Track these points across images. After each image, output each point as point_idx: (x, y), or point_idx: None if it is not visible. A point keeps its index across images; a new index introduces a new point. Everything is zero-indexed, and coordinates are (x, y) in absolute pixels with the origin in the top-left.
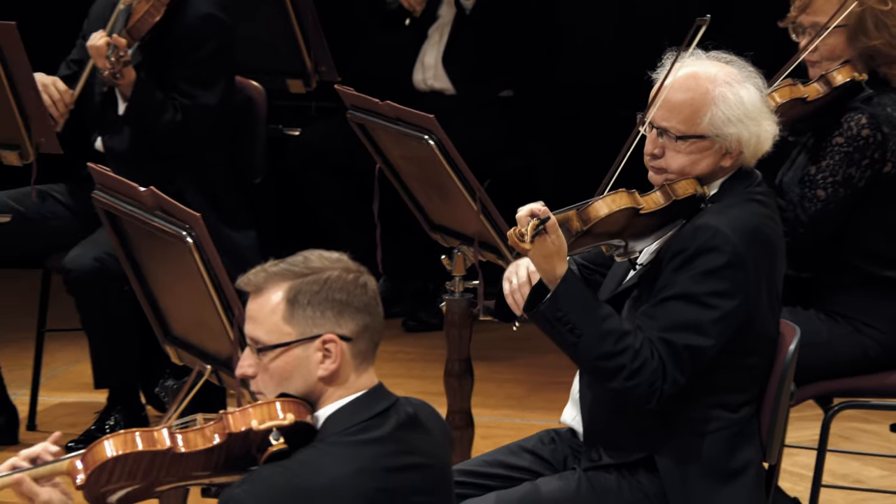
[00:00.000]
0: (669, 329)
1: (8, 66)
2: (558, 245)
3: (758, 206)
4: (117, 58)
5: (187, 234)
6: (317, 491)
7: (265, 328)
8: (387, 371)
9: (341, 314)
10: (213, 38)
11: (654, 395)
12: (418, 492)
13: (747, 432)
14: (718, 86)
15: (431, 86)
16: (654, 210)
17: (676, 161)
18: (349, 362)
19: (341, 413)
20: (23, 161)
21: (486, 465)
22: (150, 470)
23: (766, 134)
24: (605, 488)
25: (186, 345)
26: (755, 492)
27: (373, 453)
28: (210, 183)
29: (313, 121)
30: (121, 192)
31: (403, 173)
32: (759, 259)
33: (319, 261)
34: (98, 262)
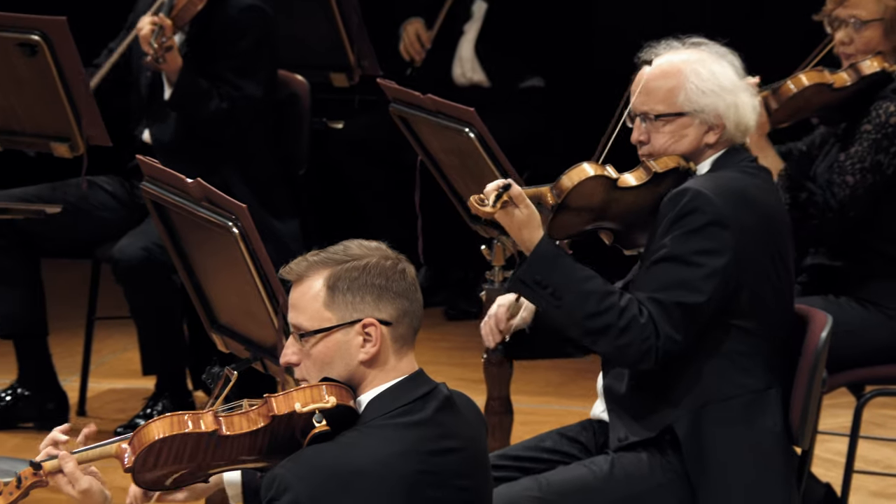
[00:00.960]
0: (658, 289)
1: (59, 61)
2: (528, 214)
3: (744, 175)
4: (160, 43)
5: (233, 224)
6: (359, 472)
7: (307, 315)
8: (428, 358)
9: (380, 299)
10: (255, 28)
11: (649, 353)
12: (458, 475)
13: (766, 402)
14: (690, 64)
15: (470, 78)
16: (637, 185)
17: (660, 141)
18: (389, 346)
19: (383, 397)
20: (73, 153)
21: (526, 450)
22: (197, 453)
23: (745, 105)
24: (638, 470)
25: (232, 333)
26: (775, 463)
27: (415, 436)
28: (255, 174)
29: (356, 114)
30: (168, 183)
31: (444, 165)
32: (743, 218)
33: (359, 249)
34: (146, 252)
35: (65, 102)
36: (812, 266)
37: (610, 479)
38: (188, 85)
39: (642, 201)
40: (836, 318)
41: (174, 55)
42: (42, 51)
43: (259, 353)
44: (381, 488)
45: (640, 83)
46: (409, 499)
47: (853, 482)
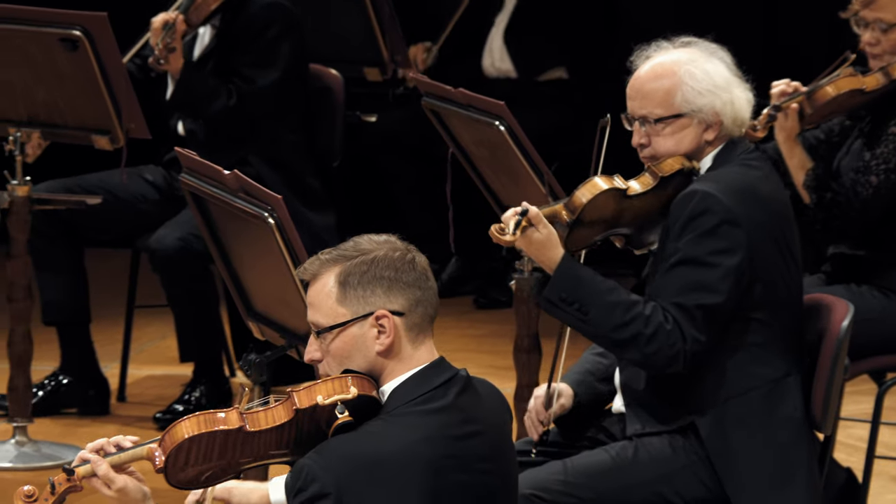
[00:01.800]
0: (679, 293)
1: (99, 55)
2: (546, 234)
3: (747, 169)
4: (165, 44)
5: (269, 215)
6: (384, 459)
7: (322, 312)
8: (459, 346)
9: (391, 290)
10: (275, 24)
11: (677, 357)
12: (481, 458)
13: (785, 389)
14: (683, 65)
15: (499, 68)
16: (645, 191)
17: (662, 144)
18: (404, 336)
19: (405, 386)
20: (113, 145)
21: (554, 435)
22: (225, 450)
23: (740, 100)
24: (662, 452)
25: (268, 320)
26: (798, 446)
27: (437, 422)
28: (290, 166)
29: (389, 107)
30: (206, 174)
31: (475, 157)
32: (752, 213)
33: (368, 243)
34: (182, 242)
35: (105, 96)
36: (834, 255)
37: (635, 461)
38: (189, 85)
39: (651, 205)
40: (858, 306)
41: (177, 56)
42: (83, 46)
43: (294, 340)
44: (406, 475)
45: (634, 87)
46: (434, 484)
47: (874, 467)
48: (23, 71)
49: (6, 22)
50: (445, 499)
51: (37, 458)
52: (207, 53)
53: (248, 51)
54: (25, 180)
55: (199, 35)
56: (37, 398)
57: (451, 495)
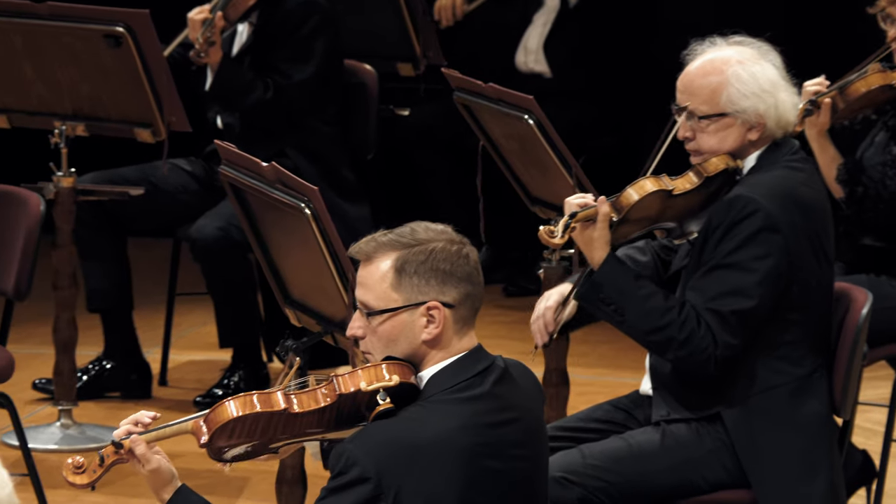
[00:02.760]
0: (715, 298)
1: (142, 51)
2: (599, 235)
3: (790, 172)
4: (206, 38)
5: (306, 205)
6: (423, 445)
7: (374, 294)
8: (489, 332)
9: (445, 283)
10: (311, 19)
11: (709, 361)
12: (516, 445)
13: (811, 387)
14: (731, 66)
15: (532, 68)
16: (690, 190)
17: (706, 140)
18: (451, 327)
19: (443, 373)
20: (155, 138)
21: (579, 421)
22: (268, 429)
23: (785, 104)
24: (688, 438)
25: (304, 308)
26: (821, 445)
27: (474, 410)
28: (326, 159)
29: (421, 102)
30: (244, 166)
31: (505, 150)
32: (793, 219)
33: (426, 232)
34: (222, 232)
35: (147, 91)
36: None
37: (662, 446)
38: (228, 78)
39: (695, 202)
40: (877, 295)
41: (216, 50)
42: (126, 42)
43: (329, 326)
44: (443, 461)
45: (683, 81)
46: (470, 470)
47: (892, 450)
48: (68, 66)
49: (52, 19)
50: (480, 485)
51: (81, 440)
52: (245, 50)
53: (284, 46)
54: (70, 172)
55: (238, 32)
56: (81, 382)
57: (486, 481)
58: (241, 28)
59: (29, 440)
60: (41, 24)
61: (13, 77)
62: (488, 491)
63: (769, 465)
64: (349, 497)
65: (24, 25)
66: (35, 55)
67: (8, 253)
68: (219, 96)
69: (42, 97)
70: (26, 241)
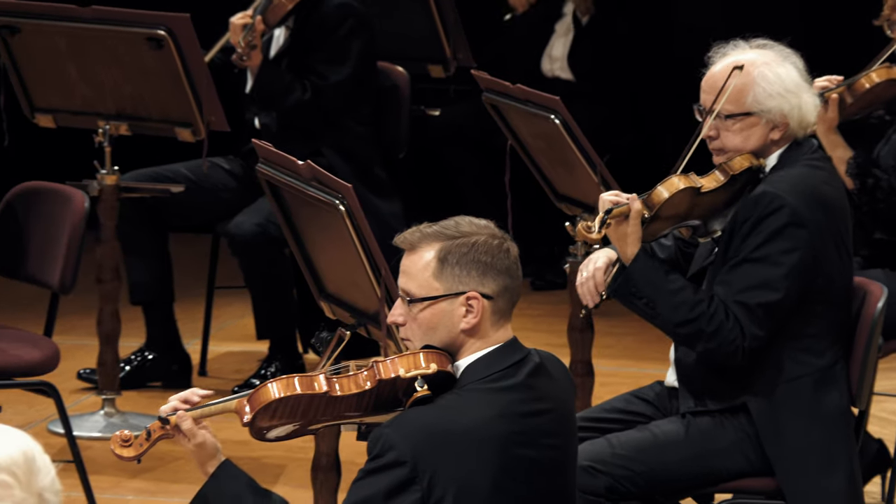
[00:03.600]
0: (742, 291)
1: (182, 53)
2: (632, 231)
3: (811, 170)
4: (247, 42)
5: (340, 202)
6: (458, 432)
7: (416, 282)
8: (517, 325)
9: (485, 275)
10: (347, 22)
11: (736, 352)
12: (548, 434)
13: (832, 377)
14: (757, 67)
15: (557, 75)
16: (716, 187)
17: (730, 139)
18: (488, 318)
19: (479, 363)
20: (195, 137)
21: (604, 411)
22: (308, 410)
23: (807, 105)
24: (711, 429)
25: (339, 301)
26: (841, 436)
27: (508, 400)
28: (360, 157)
29: (452, 102)
30: (281, 164)
31: (532, 149)
32: (816, 215)
33: (469, 226)
34: (259, 228)
35: (188, 91)
36: (874, 241)
37: (686, 437)
38: (268, 80)
39: (721, 199)
40: (892, 289)
41: (257, 53)
42: (167, 44)
43: (363, 319)
44: (476, 447)
45: (708, 82)
46: (503, 457)
47: None
48: (111, 68)
49: (96, 22)
50: (513, 472)
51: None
52: (282, 52)
53: (321, 48)
54: (114, 170)
55: (275, 36)
56: (124, 373)
57: (519, 469)
58: (277, 32)
59: (74, 428)
60: (85, 27)
61: (58, 78)
62: (520, 478)
63: (793, 455)
64: (385, 479)
65: (68, 28)
66: (79, 57)
67: (53, 248)
68: (260, 98)
69: (86, 97)
70: (71, 237)
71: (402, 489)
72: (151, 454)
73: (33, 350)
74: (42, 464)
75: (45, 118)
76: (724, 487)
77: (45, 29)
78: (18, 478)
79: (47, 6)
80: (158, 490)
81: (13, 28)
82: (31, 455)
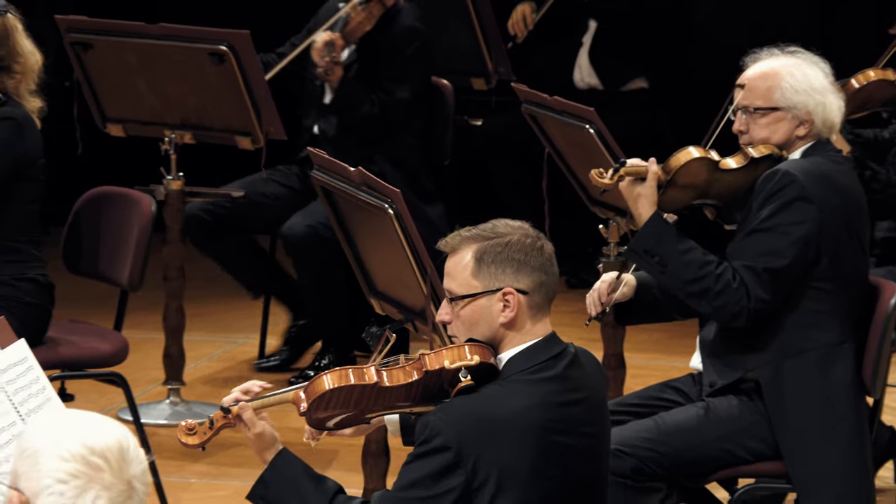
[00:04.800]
0: (752, 257)
1: (243, 68)
2: (647, 191)
3: (830, 162)
4: (331, 57)
5: (389, 206)
6: (500, 420)
7: (457, 282)
8: (553, 320)
9: (519, 271)
10: (413, 44)
11: (741, 312)
12: (583, 423)
13: (839, 355)
14: (787, 67)
15: (588, 83)
16: (735, 168)
17: (758, 132)
18: (525, 312)
19: (520, 356)
20: (254, 145)
21: (638, 398)
22: (360, 400)
23: (832, 105)
24: (728, 413)
25: (387, 298)
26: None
27: (547, 390)
28: (407, 164)
29: (493, 113)
30: (334, 171)
31: (568, 156)
32: (826, 195)
33: (504, 227)
34: (310, 229)
35: (248, 103)
36: (884, 240)
37: (707, 421)
38: (346, 93)
39: (741, 182)
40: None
41: (339, 69)
42: (229, 59)
43: (410, 315)
44: (517, 434)
45: (743, 81)
46: (541, 444)
47: None
48: (177, 81)
49: (163, 39)
50: (550, 457)
51: (188, 416)
52: (348, 65)
53: (389, 66)
54: (178, 175)
55: None
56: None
57: (556, 454)
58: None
59: (141, 416)
60: (153, 44)
61: (128, 91)
62: (557, 463)
63: (795, 422)
64: (432, 463)
65: (137, 45)
66: (147, 71)
67: (123, 249)
68: (338, 110)
69: (154, 108)
70: (139, 238)
71: (447, 472)
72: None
73: (104, 343)
74: (134, 455)
75: (115, 128)
76: (746, 471)
77: (116, 45)
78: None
79: (118, 24)
80: (220, 473)
81: (87, 44)
82: (125, 445)
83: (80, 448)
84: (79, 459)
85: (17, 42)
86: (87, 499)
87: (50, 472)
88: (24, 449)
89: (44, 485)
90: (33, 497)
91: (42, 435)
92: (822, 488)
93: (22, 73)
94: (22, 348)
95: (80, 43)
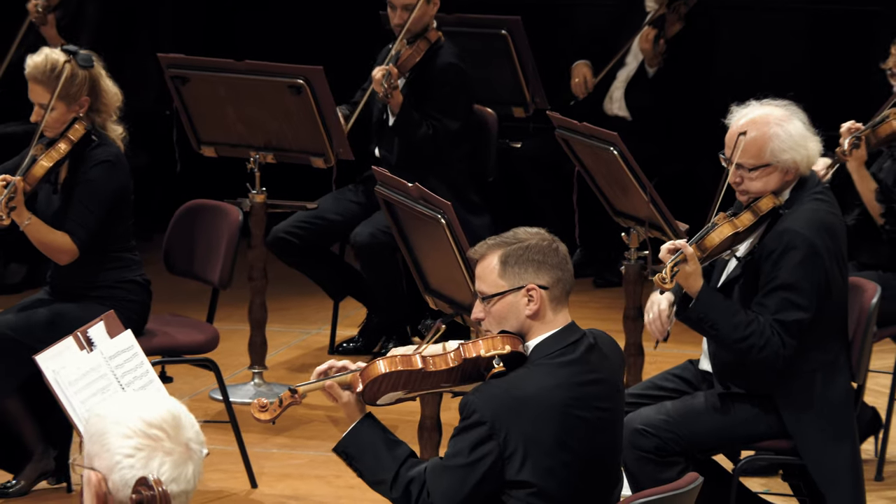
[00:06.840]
0: (779, 311)
1: (317, 98)
2: (694, 269)
3: (818, 203)
4: (389, 84)
5: (441, 216)
6: (527, 399)
7: (487, 283)
8: (581, 315)
9: (539, 270)
10: (453, 78)
11: (779, 359)
12: (599, 399)
13: (837, 368)
14: (772, 127)
15: (616, 113)
16: (749, 226)
17: (754, 185)
18: (547, 304)
19: (544, 343)
20: (326, 165)
21: (644, 388)
22: (409, 382)
23: (813, 151)
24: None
25: (440, 295)
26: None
27: (568, 372)
28: (456, 181)
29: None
30: (394, 186)
31: (595, 174)
32: (827, 243)
33: (524, 234)
34: (371, 236)
35: (321, 128)
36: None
37: (723, 408)
38: (406, 116)
39: (751, 231)
40: (884, 287)
41: (398, 93)
42: (305, 91)
43: (459, 309)
44: (542, 410)
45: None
46: (563, 418)
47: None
48: (260, 109)
49: (249, 73)
50: (571, 430)
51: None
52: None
53: (433, 98)
54: (262, 190)
55: None
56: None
57: (576, 427)
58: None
59: (230, 395)
60: (240, 77)
61: (219, 118)
62: (577, 434)
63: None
64: (471, 436)
65: (227, 78)
66: (235, 101)
67: (214, 253)
68: (400, 130)
69: (241, 133)
70: (228, 244)
71: (483, 443)
72: (290, 416)
73: (198, 333)
74: (186, 420)
75: (208, 149)
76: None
77: (209, 79)
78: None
79: (211, 61)
80: (297, 445)
81: (184, 78)
82: (176, 413)
83: (139, 424)
84: (140, 434)
85: (102, 87)
86: (153, 466)
87: (117, 450)
88: (91, 434)
89: (114, 461)
90: (108, 472)
91: (104, 418)
92: (842, 477)
93: (107, 111)
94: (128, 338)
95: (178, 77)
